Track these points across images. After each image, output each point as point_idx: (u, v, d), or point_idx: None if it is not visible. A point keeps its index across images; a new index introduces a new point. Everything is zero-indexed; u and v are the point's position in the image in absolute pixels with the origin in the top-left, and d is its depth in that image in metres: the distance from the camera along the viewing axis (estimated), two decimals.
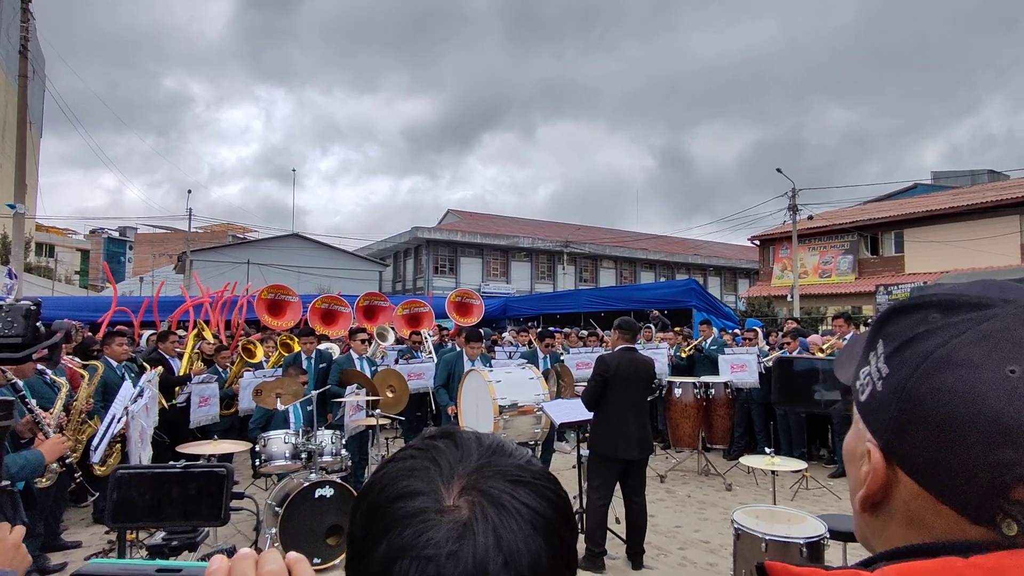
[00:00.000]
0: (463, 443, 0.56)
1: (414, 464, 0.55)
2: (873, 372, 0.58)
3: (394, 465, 0.56)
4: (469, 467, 0.54)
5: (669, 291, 15.95)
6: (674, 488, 7.02)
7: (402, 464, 0.55)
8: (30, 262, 31.23)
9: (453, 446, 0.56)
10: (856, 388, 0.61)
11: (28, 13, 13.03)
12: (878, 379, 0.57)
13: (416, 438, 0.60)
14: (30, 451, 2.71)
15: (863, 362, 0.61)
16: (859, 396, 0.60)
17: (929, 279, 17.44)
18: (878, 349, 0.58)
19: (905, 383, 0.53)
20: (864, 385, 0.59)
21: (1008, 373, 0.49)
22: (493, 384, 5.38)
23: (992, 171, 33.09)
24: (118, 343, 5.83)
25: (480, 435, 0.59)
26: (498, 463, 0.54)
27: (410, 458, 0.56)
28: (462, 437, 0.58)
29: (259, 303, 11.17)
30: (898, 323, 0.58)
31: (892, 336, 0.57)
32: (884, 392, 0.55)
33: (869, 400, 0.57)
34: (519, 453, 0.58)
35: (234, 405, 7.15)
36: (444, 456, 0.55)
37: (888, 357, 0.56)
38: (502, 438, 0.60)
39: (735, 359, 8.26)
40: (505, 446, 0.58)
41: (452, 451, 0.55)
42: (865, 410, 0.58)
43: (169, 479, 0.97)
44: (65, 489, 5.08)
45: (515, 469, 0.54)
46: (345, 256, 36.52)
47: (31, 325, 1.18)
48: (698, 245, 46.54)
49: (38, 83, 20.92)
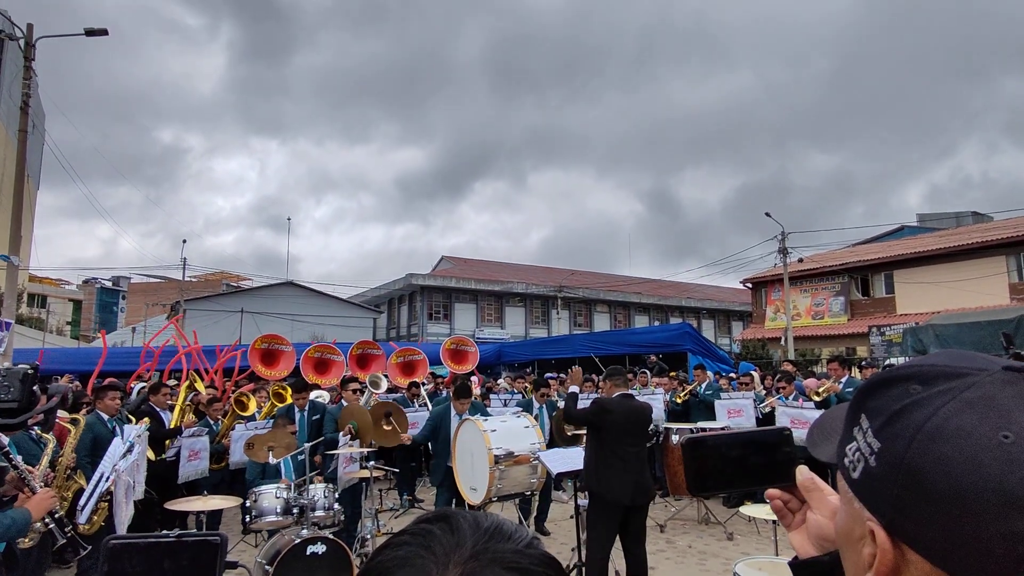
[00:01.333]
0: (458, 527, 0.54)
1: (408, 553, 0.53)
2: (863, 448, 0.56)
3: (388, 553, 0.54)
4: (464, 554, 0.51)
5: (664, 335, 15.97)
6: (674, 538, 6.87)
7: (396, 552, 0.53)
8: (22, 313, 31.02)
9: (448, 531, 0.54)
10: (845, 466, 0.59)
11: (31, 70, 13.34)
12: (870, 455, 0.55)
13: (412, 522, 0.58)
14: (16, 509, 2.62)
15: (847, 439, 0.60)
16: (850, 474, 0.57)
17: (921, 319, 17.53)
18: (863, 424, 0.57)
19: (903, 457, 0.51)
20: (854, 462, 0.57)
21: (1002, 439, 0.48)
22: (488, 434, 5.32)
23: (976, 213, 33.79)
24: (111, 397, 5.75)
25: (478, 516, 0.57)
26: (495, 548, 0.52)
27: (404, 545, 0.54)
28: (458, 521, 0.55)
29: (252, 352, 11.10)
30: (880, 397, 0.57)
31: (877, 410, 0.56)
32: (880, 468, 0.53)
33: (864, 478, 0.55)
34: (519, 535, 0.55)
35: (224, 459, 7.02)
36: (438, 543, 0.53)
37: (878, 432, 0.55)
38: (501, 519, 0.58)
39: (732, 404, 8.21)
40: (504, 528, 0.56)
41: (447, 536, 0.53)
42: (860, 488, 0.56)
43: (162, 550, 0.95)
44: (48, 549, 4.93)
45: (513, 556, 0.52)
46: (339, 304, 36.48)
47: (27, 389, 1.18)
48: (691, 288, 46.82)
49: (37, 137, 21.28)
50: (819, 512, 0.81)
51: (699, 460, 0.85)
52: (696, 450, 0.86)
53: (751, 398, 8.16)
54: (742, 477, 0.86)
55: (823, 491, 0.82)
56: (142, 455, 4.76)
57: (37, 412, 1.14)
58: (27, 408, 1.13)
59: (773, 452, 0.85)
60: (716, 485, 0.89)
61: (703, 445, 0.86)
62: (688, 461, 0.86)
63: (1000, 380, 0.52)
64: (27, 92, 13.34)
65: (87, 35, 12.89)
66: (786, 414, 7.41)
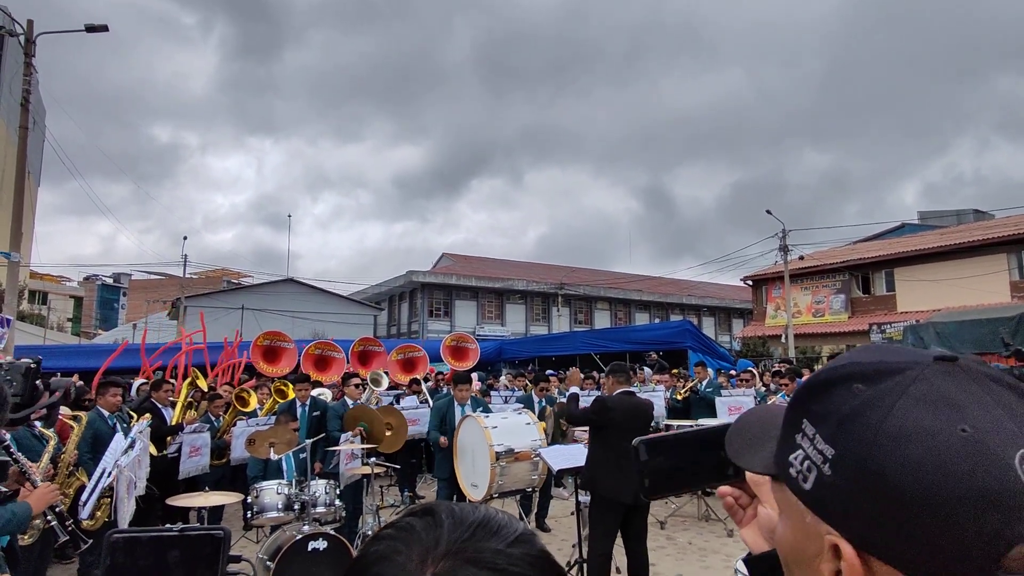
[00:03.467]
0: (441, 523, 0.52)
1: (388, 548, 0.51)
2: (813, 456, 0.51)
3: (371, 547, 0.53)
4: (443, 551, 0.49)
5: (664, 332, 15.99)
6: (675, 535, 6.88)
7: (378, 547, 0.52)
8: (23, 309, 31.06)
9: (432, 526, 0.52)
10: (791, 476, 0.54)
11: (31, 67, 13.33)
12: (823, 463, 0.50)
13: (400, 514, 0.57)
14: (16, 503, 2.62)
15: (788, 447, 0.55)
16: (800, 485, 0.53)
17: (921, 317, 17.52)
18: (806, 430, 0.53)
19: (864, 462, 0.47)
20: (804, 472, 0.52)
21: (961, 433, 0.46)
22: (489, 430, 5.33)
23: (977, 210, 33.74)
24: (112, 393, 5.76)
25: (465, 510, 0.54)
26: (475, 547, 0.50)
27: (387, 539, 0.52)
28: (442, 515, 0.53)
29: (255, 349, 11.10)
30: (823, 400, 0.53)
31: (823, 415, 0.52)
32: (837, 476, 0.49)
33: (818, 489, 0.51)
34: (506, 531, 0.52)
35: (225, 455, 7.03)
36: (418, 539, 0.51)
37: (830, 438, 0.50)
38: (492, 512, 0.55)
39: (732, 401, 8.22)
40: (490, 523, 0.53)
41: (428, 532, 0.51)
42: (815, 500, 0.51)
43: (165, 544, 0.95)
44: (50, 546, 4.94)
45: (491, 555, 0.49)
46: (339, 300, 36.47)
47: (30, 384, 1.18)
48: (692, 286, 46.80)
49: (37, 134, 21.25)
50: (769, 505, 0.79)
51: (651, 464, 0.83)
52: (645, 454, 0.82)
53: (752, 395, 8.17)
54: (693, 476, 0.85)
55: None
56: (144, 451, 4.77)
57: (39, 407, 1.14)
58: (29, 403, 1.13)
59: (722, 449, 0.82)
60: (670, 487, 0.87)
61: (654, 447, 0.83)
62: (637, 467, 0.82)
63: (939, 372, 0.50)
64: (27, 88, 13.32)
65: (87, 31, 12.87)
66: None
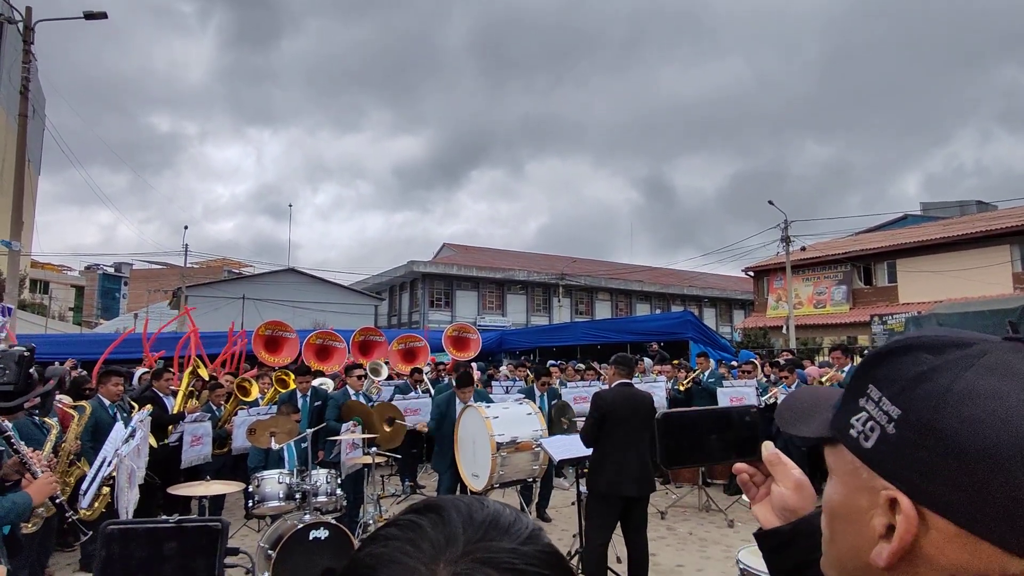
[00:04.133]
0: (450, 521, 0.49)
1: (394, 549, 0.48)
2: (877, 416, 0.55)
3: (374, 548, 0.49)
4: (455, 552, 0.47)
5: (665, 323, 15.95)
6: (675, 525, 6.90)
7: (382, 548, 0.49)
8: (24, 299, 31.07)
9: (440, 524, 0.49)
10: (851, 437, 0.58)
11: (30, 54, 13.24)
12: (887, 422, 0.54)
13: (401, 512, 0.54)
14: (17, 493, 2.62)
15: (850, 410, 0.59)
16: (861, 444, 0.57)
17: (923, 308, 17.48)
18: (871, 394, 0.57)
19: (930, 420, 0.51)
20: (866, 432, 0.56)
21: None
22: (491, 420, 5.32)
23: (980, 202, 33.59)
24: (113, 383, 5.75)
25: (472, 507, 0.52)
26: (489, 547, 0.48)
27: (391, 540, 0.49)
28: (450, 513, 0.50)
29: (256, 339, 11.10)
30: (890, 366, 0.56)
31: (890, 379, 0.56)
32: (902, 433, 0.53)
33: (880, 446, 0.55)
34: (517, 529, 0.50)
35: (227, 444, 7.04)
36: (427, 538, 0.48)
37: (895, 398, 0.54)
38: (498, 509, 0.52)
39: (734, 392, 8.21)
40: (500, 521, 0.50)
41: (437, 531, 0.48)
42: (875, 456, 0.55)
43: (162, 535, 0.93)
44: (52, 534, 4.95)
45: (508, 555, 0.47)
46: (340, 290, 36.49)
47: (23, 372, 1.16)
48: (693, 277, 46.77)
49: (37, 123, 21.17)
50: (783, 484, 0.86)
51: (671, 436, 0.90)
52: (669, 426, 0.90)
53: (753, 386, 8.16)
54: (711, 452, 0.91)
55: (787, 465, 0.87)
56: (144, 440, 4.77)
57: (34, 395, 1.12)
58: (24, 391, 1.11)
59: (740, 428, 0.90)
60: (687, 459, 0.94)
61: (676, 421, 0.91)
62: (661, 436, 0.90)
63: (1008, 348, 0.53)
64: (26, 76, 13.25)
65: (86, 18, 12.77)
66: None
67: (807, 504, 0.84)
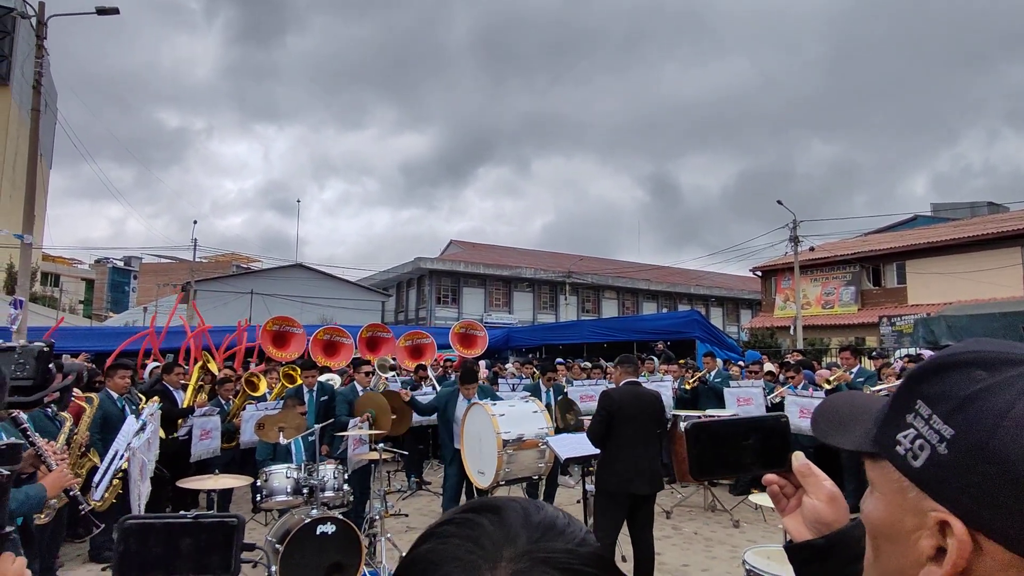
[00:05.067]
0: (509, 522, 0.51)
1: (455, 547, 0.49)
2: (927, 434, 0.53)
3: (434, 544, 0.51)
4: (517, 551, 0.48)
5: (672, 322, 15.91)
6: (680, 525, 6.90)
7: (443, 545, 0.50)
8: (35, 292, 31.35)
9: (498, 524, 0.51)
10: (898, 454, 0.56)
11: (43, 49, 13.34)
12: (939, 442, 0.52)
13: (455, 509, 0.55)
14: (32, 485, 2.66)
15: (896, 426, 0.57)
16: (908, 462, 0.55)
17: (932, 310, 17.37)
18: (920, 411, 0.55)
19: (986, 443, 0.49)
20: (915, 450, 0.54)
21: None
22: (497, 418, 5.33)
23: (992, 203, 33.29)
24: (120, 376, 5.81)
25: (528, 509, 0.53)
26: (547, 548, 0.49)
27: (451, 537, 0.50)
28: (507, 513, 0.52)
29: (264, 334, 11.15)
30: (939, 383, 0.54)
31: (941, 396, 0.53)
32: (954, 456, 0.51)
33: (930, 466, 0.52)
34: (571, 532, 0.52)
35: (235, 438, 7.09)
36: (488, 537, 0.49)
37: (948, 418, 0.52)
38: (553, 512, 0.54)
39: (741, 392, 8.19)
40: (556, 524, 0.52)
41: (497, 530, 0.50)
42: (926, 477, 0.53)
43: (179, 530, 0.95)
44: (63, 525, 5.00)
45: (565, 556, 0.49)
46: (348, 286, 36.60)
47: (42, 367, 1.17)
48: (700, 276, 46.61)
49: (49, 117, 21.31)
50: (815, 497, 0.84)
51: (701, 445, 0.90)
52: (699, 435, 0.90)
53: (761, 386, 8.13)
54: (740, 462, 0.91)
55: (818, 477, 0.85)
56: (154, 434, 4.81)
57: (52, 390, 1.14)
58: (42, 386, 1.13)
59: (770, 439, 0.90)
60: (716, 469, 0.93)
61: (705, 430, 0.90)
62: (691, 446, 0.90)
63: None
64: (39, 71, 13.34)
65: (98, 13, 12.84)
66: (796, 403, 7.37)
67: (841, 517, 0.82)
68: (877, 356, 10.08)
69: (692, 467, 0.90)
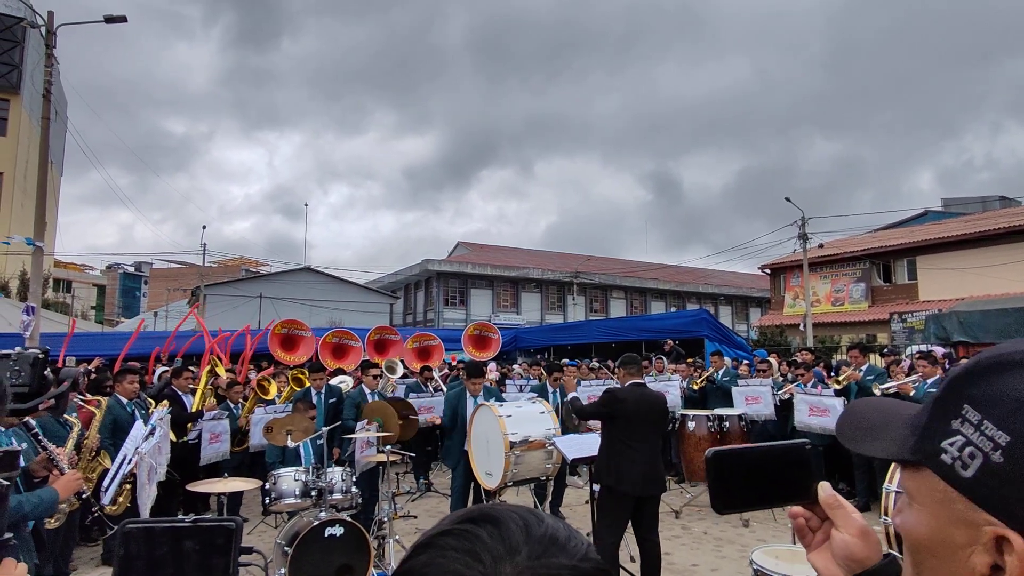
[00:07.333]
0: (509, 535, 0.49)
1: (453, 559, 0.47)
2: (978, 441, 0.49)
3: (431, 556, 0.49)
4: (517, 567, 0.46)
5: (680, 321, 15.86)
6: (690, 524, 6.87)
7: (439, 558, 0.48)
8: (48, 298, 31.63)
9: (498, 537, 0.49)
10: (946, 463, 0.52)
11: (52, 58, 13.48)
12: (992, 449, 0.48)
13: (452, 518, 0.53)
14: (44, 489, 2.69)
15: (941, 432, 0.53)
16: (958, 472, 0.51)
17: (944, 306, 17.19)
18: (968, 416, 0.51)
19: None
20: (964, 459, 0.50)
21: None
22: (504, 419, 5.33)
23: (1004, 197, 32.95)
24: (129, 380, 5.87)
25: (529, 521, 0.51)
26: (550, 564, 0.47)
27: (449, 550, 0.48)
28: (508, 525, 0.50)
29: (272, 338, 11.20)
30: (991, 385, 0.50)
31: (993, 399, 0.50)
32: (1012, 464, 0.47)
33: (984, 476, 0.49)
34: (573, 546, 0.50)
35: (245, 441, 7.13)
36: (488, 551, 0.47)
37: (1003, 423, 0.48)
38: (553, 523, 0.52)
39: (750, 391, 8.14)
40: (558, 537, 0.50)
41: (497, 543, 0.48)
42: (978, 488, 0.49)
43: (178, 534, 0.96)
44: (75, 528, 5.05)
45: (568, 572, 0.47)
46: (356, 289, 36.73)
47: (38, 374, 1.18)
48: (708, 274, 46.40)
49: (60, 125, 21.55)
50: (845, 531, 0.77)
51: (723, 478, 0.84)
52: (719, 466, 0.84)
53: (769, 385, 8.09)
54: (764, 495, 0.84)
55: (847, 509, 0.78)
56: (164, 438, 4.85)
57: (47, 397, 1.15)
58: (38, 392, 1.14)
59: (794, 468, 0.84)
60: (739, 504, 0.87)
61: (726, 461, 0.84)
62: (711, 479, 0.84)
63: None
64: (49, 80, 13.48)
65: (106, 22, 12.97)
66: (804, 401, 7.32)
67: (874, 554, 0.75)
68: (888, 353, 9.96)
69: (715, 502, 0.85)
